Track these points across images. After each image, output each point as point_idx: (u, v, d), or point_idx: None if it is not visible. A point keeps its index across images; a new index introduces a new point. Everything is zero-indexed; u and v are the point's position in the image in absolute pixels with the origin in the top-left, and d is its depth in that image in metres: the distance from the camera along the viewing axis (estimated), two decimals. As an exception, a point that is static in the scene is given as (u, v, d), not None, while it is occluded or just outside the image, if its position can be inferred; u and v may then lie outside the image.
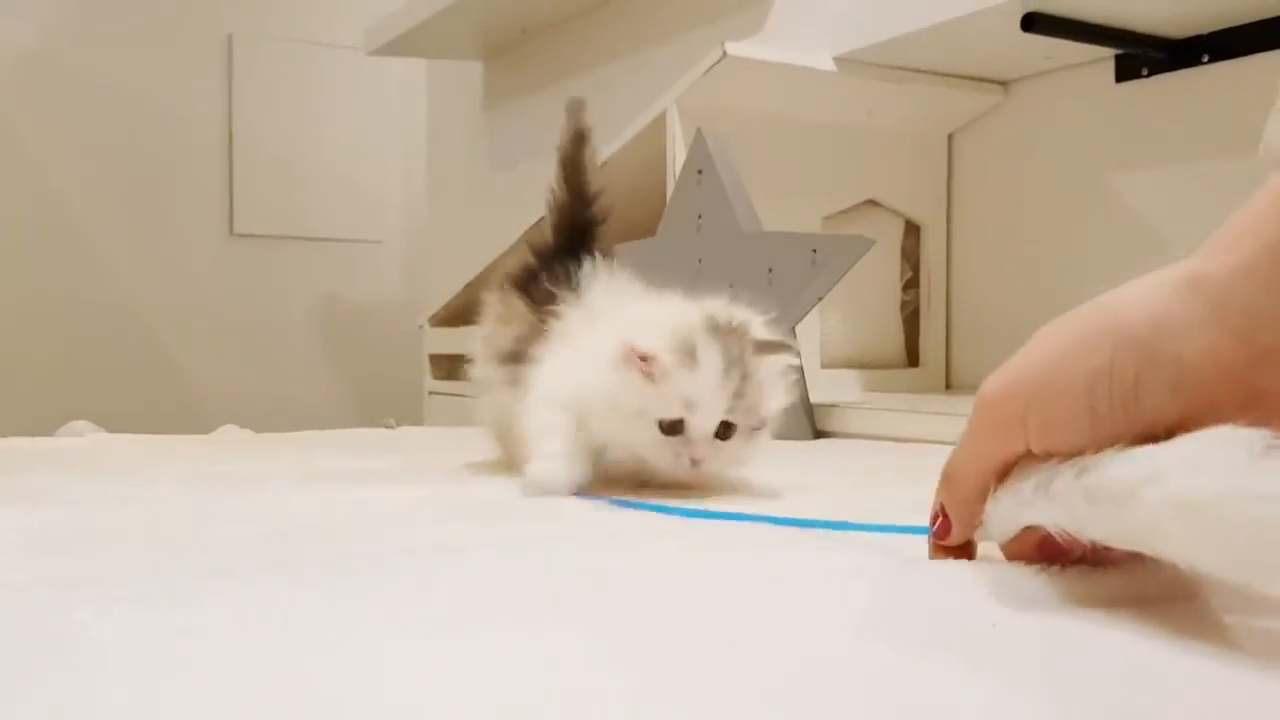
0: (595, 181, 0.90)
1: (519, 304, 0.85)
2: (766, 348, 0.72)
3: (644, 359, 0.69)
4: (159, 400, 2.87)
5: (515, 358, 0.81)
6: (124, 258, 2.93)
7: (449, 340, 2.23)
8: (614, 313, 0.77)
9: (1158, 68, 1.45)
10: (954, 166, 1.75)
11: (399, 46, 2.54)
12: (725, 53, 1.44)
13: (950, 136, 1.75)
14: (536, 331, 0.80)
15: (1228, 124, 1.37)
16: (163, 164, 2.97)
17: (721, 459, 0.72)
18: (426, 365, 2.30)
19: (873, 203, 1.70)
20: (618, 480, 0.75)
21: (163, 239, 2.98)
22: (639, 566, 0.51)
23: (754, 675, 0.34)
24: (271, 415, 2.21)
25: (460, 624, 0.40)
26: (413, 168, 3.09)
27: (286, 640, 0.37)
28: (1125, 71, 1.50)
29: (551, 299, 0.81)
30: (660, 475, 0.73)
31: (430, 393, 2.29)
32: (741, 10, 1.83)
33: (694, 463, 0.71)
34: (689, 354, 0.69)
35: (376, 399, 2.96)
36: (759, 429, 0.73)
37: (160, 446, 1.15)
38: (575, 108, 0.93)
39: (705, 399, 0.69)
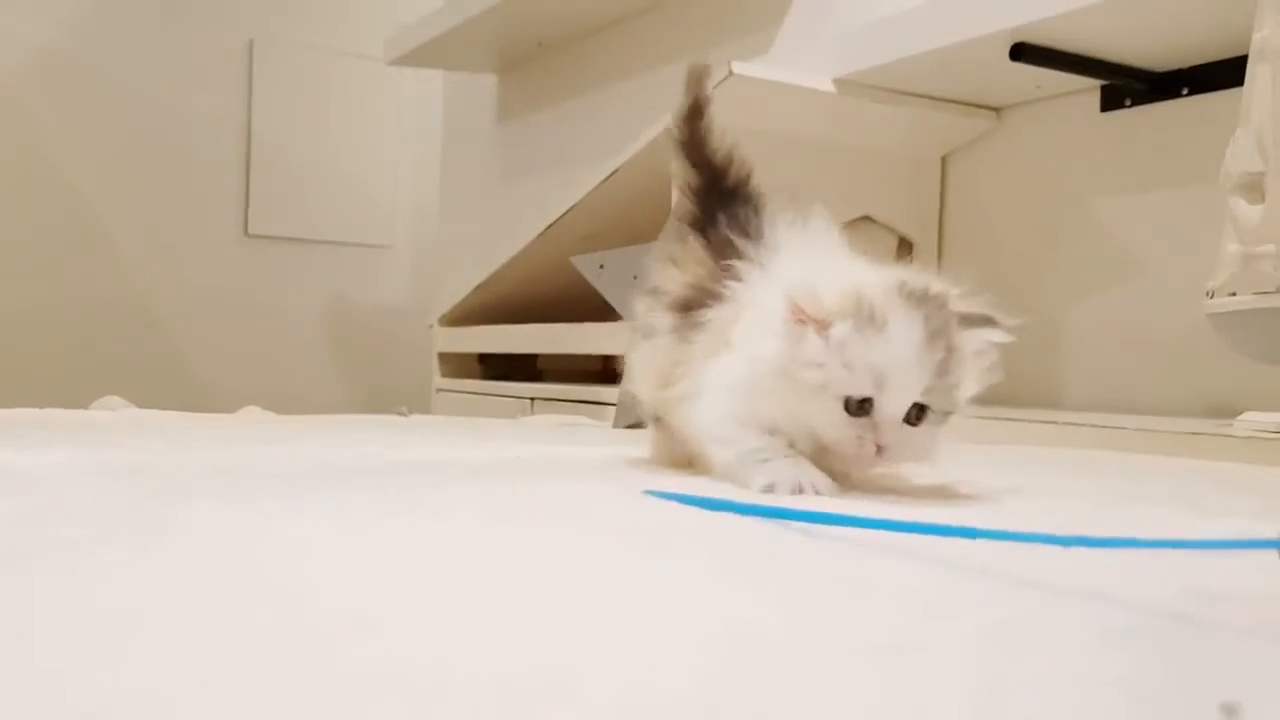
0: (720, 149, 0.79)
1: (696, 246, 0.74)
2: (972, 320, 0.63)
3: (819, 320, 0.60)
4: (173, 395, 2.92)
5: (684, 305, 0.71)
6: (140, 255, 3.01)
7: (458, 340, 2.31)
8: (789, 271, 0.66)
9: (1140, 99, 1.54)
10: (947, 187, 1.83)
11: (417, 57, 2.63)
12: (731, 71, 1.52)
13: (944, 159, 1.83)
14: (713, 281, 0.70)
15: (1205, 153, 1.44)
16: (181, 165, 3.06)
17: (909, 448, 0.62)
18: (435, 363, 2.39)
19: (868, 219, 1.78)
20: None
21: (179, 238, 3.06)
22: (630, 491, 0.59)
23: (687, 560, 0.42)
24: (282, 410, 2.28)
25: (485, 523, 0.48)
26: (425, 176, 3.18)
27: (351, 524, 0.45)
28: (1110, 101, 1.58)
29: (730, 248, 0.71)
30: (842, 463, 0.63)
31: (438, 390, 2.37)
32: (751, 33, 1.92)
33: (879, 450, 0.61)
34: (880, 319, 0.60)
35: (384, 396, 3.04)
36: (948, 415, 0.63)
37: (191, 420, 1.22)
38: (696, 76, 0.80)
39: (899, 375, 0.60)
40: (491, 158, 2.76)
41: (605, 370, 2.02)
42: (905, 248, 1.83)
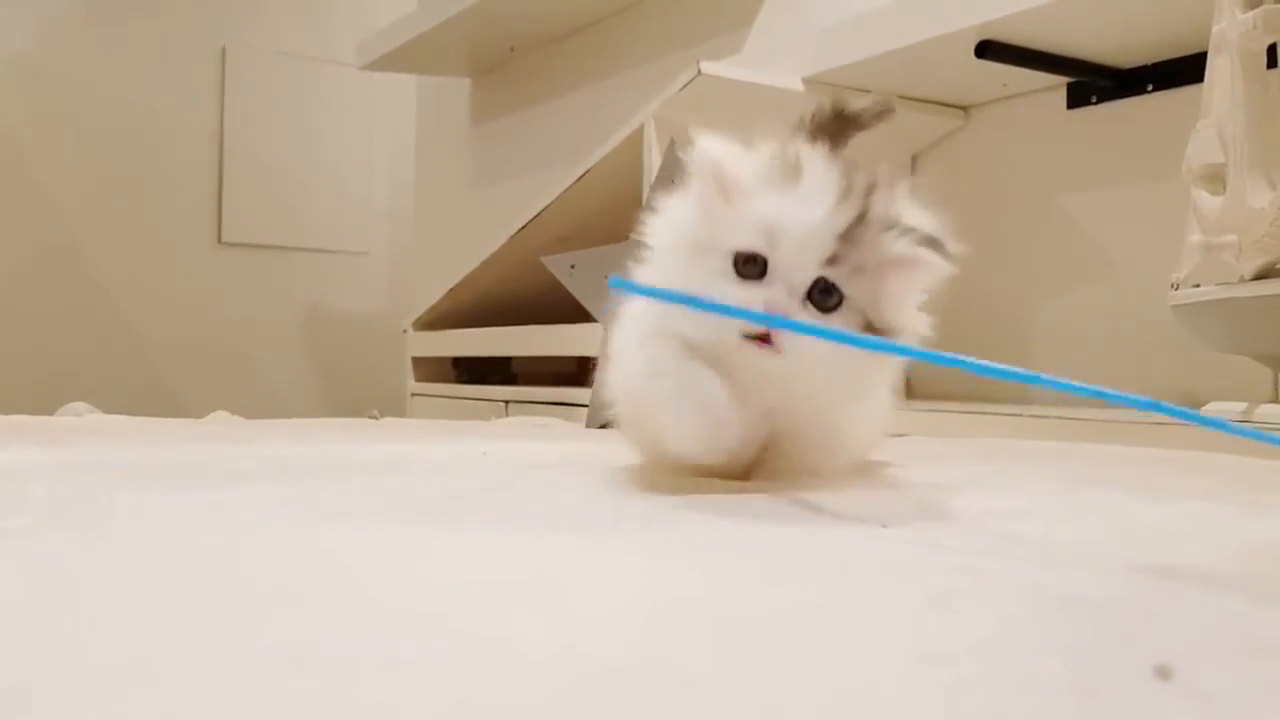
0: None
1: None
2: (917, 237, 0.52)
3: (729, 176, 0.50)
4: (145, 405, 2.91)
5: None
6: (112, 263, 2.99)
7: (431, 344, 2.31)
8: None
9: (1105, 95, 1.55)
10: (916, 185, 1.84)
11: (390, 62, 2.62)
12: (700, 71, 1.53)
13: (914, 158, 1.84)
14: None
15: (1169, 149, 1.46)
16: (154, 172, 3.04)
17: (808, 348, 0.49)
18: (409, 368, 2.38)
19: (839, 218, 1.78)
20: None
21: (152, 245, 3.04)
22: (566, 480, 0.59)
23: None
24: (255, 419, 2.28)
25: (438, 510, 0.48)
26: (400, 181, 3.17)
27: (301, 511, 0.45)
28: (1076, 98, 1.59)
29: None
30: (727, 360, 0.50)
31: (412, 394, 2.36)
32: (722, 34, 1.93)
33: (768, 337, 0.49)
34: (789, 168, 0.50)
35: (359, 403, 3.02)
36: (877, 330, 0.51)
37: (159, 424, 1.21)
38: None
39: (798, 228, 0.49)
40: (466, 162, 2.76)
41: (580, 372, 2.02)
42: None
